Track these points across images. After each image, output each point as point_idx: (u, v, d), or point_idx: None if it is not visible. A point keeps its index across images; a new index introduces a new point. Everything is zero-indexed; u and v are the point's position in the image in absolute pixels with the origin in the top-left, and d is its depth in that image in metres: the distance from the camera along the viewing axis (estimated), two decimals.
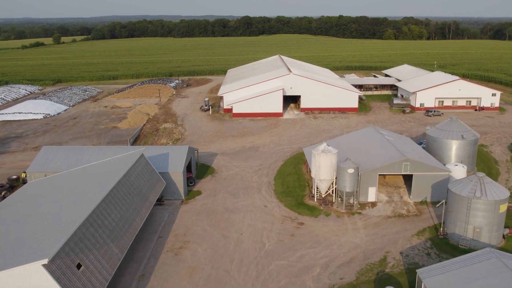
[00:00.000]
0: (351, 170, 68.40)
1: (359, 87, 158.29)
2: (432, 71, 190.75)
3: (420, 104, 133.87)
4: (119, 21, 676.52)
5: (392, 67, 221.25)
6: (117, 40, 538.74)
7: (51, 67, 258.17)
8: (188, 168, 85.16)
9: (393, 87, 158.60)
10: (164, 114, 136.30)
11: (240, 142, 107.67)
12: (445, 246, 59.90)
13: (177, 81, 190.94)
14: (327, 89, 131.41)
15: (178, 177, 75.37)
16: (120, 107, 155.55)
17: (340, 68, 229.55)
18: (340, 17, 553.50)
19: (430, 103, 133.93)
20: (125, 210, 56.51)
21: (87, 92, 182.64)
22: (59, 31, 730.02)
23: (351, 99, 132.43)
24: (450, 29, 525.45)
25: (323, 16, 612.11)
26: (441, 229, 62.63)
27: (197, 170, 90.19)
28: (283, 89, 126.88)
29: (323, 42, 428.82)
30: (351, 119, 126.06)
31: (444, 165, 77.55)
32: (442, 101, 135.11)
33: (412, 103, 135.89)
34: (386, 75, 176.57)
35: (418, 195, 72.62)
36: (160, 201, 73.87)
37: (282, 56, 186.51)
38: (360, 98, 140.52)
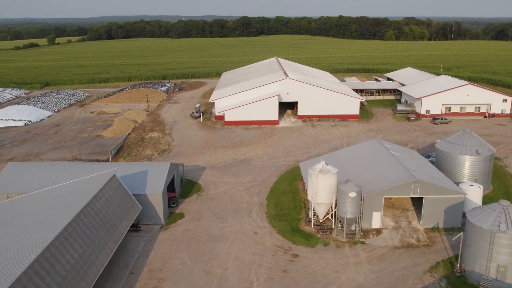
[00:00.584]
0: (353, 194, 59.60)
1: (361, 91, 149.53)
2: (438, 74, 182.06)
3: (426, 111, 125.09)
4: (116, 22, 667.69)
5: (394, 69, 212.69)
6: (113, 40, 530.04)
7: (41, 70, 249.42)
8: (171, 186, 76.49)
9: (396, 91, 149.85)
10: (152, 121, 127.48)
11: (232, 154, 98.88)
12: (464, 287, 51.13)
13: (169, 85, 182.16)
14: (326, 95, 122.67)
15: (157, 200, 66.61)
16: (107, 113, 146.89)
17: (340, 71, 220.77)
18: (340, 17, 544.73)
19: (436, 109, 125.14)
20: (86, 247, 47.71)
21: (75, 97, 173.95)
22: (56, 31, 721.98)
23: (352, 105, 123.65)
24: (452, 29, 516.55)
25: (322, 16, 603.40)
26: (458, 265, 53.83)
27: (181, 187, 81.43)
28: (278, 95, 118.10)
29: (322, 43, 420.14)
30: (352, 128, 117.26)
31: (457, 184, 68.88)
32: (449, 108, 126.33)
33: (417, 110, 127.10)
34: (389, 79, 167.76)
35: (429, 220, 63.83)
36: (136, 227, 65.13)
37: (279, 59, 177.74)
38: (361, 103, 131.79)
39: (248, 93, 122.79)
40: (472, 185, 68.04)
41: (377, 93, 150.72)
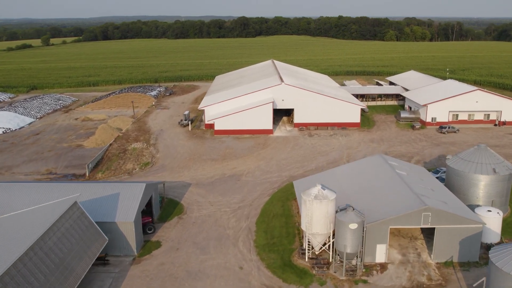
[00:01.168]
0: (353, 226, 50.88)
1: (361, 96, 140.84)
2: (442, 77, 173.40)
3: (432, 118, 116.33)
4: (113, 22, 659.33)
5: (396, 72, 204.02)
6: (108, 41, 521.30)
7: (29, 72, 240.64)
8: (148, 207, 67.78)
9: (399, 96, 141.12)
10: (137, 130, 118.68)
11: (220, 168, 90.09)
12: None
13: (159, 89, 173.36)
14: (325, 101, 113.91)
15: (128, 228, 57.87)
16: (92, 120, 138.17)
17: (340, 74, 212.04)
18: (340, 17, 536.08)
19: (443, 117, 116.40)
20: None
21: (60, 102, 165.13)
22: (52, 32, 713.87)
23: (352, 112, 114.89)
24: (454, 30, 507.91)
25: (322, 16, 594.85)
26: None
27: (161, 208, 72.68)
28: (273, 102, 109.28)
29: (321, 44, 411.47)
30: (352, 137, 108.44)
31: (472, 208, 60.26)
32: (457, 115, 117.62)
33: (422, 117, 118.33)
34: (391, 83, 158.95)
35: (441, 254, 55.07)
36: (103, 260, 56.37)
37: (276, 61, 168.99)
38: (362, 110, 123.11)
39: (241, 99, 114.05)
40: (490, 210, 59.33)
41: (379, 98, 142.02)
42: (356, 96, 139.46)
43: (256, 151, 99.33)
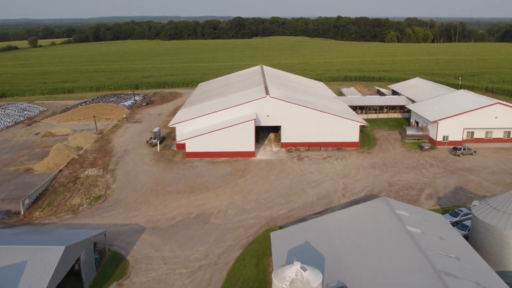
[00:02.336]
0: None
1: (360, 108, 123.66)
2: (453, 85, 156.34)
3: (444, 137, 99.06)
4: (108, 22, 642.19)
5: (399, 77, 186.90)
6: (99, 43, 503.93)
7: (2, 78, 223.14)
8: (72, 274, 50.59)
9: (403, 108, 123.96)
10: (98, 150, 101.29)
11: (186, 205, 72.86)
12: None
13: (136, 98, 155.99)
14: (317, 117, 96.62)
15: None
16: (54, 135, 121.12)
17: (337, 79, 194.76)
18: (339, 18, 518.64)
19: (456, 135, 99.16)
20: None
21: (25, 112, 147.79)
22: (44, 32, 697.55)
23: (350, 130, 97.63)
24: (456, 30, 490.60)
25: (320, 17, 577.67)
26: None
27: (99, 268, 55.47)
28: (254, 119, 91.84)
29: (319, 45, 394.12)
30: (350, 161, 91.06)
31: (505, 276, 43.18)
32: (472, 133, 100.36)
33: (432, 135, 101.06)
34: (394, 92, 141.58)
35: None
36: None
37: (265, 67, 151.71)
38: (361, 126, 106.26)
39: (218, 115, 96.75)
40: None
41: (381, 111, 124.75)
42: (355, 108, 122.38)
43: (233, 181, 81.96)
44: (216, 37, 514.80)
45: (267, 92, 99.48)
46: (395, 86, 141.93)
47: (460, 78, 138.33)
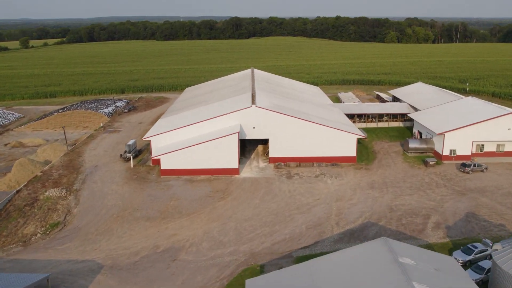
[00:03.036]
0: None
1: (359, 116, 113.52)
2: (458, 90, 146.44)
3: (451, 151, 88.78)
4: (100, 23, 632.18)
5: (399, 81, 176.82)
6: (92, 43, 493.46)
7: None
8: None
9: (405, 116, 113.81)
10: (65, 166, 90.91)
11: (154, 236, 62.59)
12: None
13: (118, 104, 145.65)
14: (310, 129, 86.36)
15: None
16: (25, 146, 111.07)
17: (335, 82, 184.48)
18: (338, 18, 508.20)
19: (465, 149, 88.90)
20: None
21: (0, 119, 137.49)
22: (39, 33, 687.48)
23: (346, 144, 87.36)
24: (458, 31, 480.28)
25: (319, 17, 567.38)
26: None
27: None
28: (238, 132, 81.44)
29: (317, 46, 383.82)
30: (345, 179, 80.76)
31: None
32: (482, 146, 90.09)
33: (438, 149, 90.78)
34: (395, 98, 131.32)
35: None
36: None
37: (256, 71, 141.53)
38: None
39: (200, 126, 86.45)
40: None
41: (380, 119, 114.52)
42: (352, 116, 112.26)
43: (211, 204, 71.65)
44: (212, 38, 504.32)
45: (253, 101, 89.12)
46: (396, 92, 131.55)
47: (467, 83, 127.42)
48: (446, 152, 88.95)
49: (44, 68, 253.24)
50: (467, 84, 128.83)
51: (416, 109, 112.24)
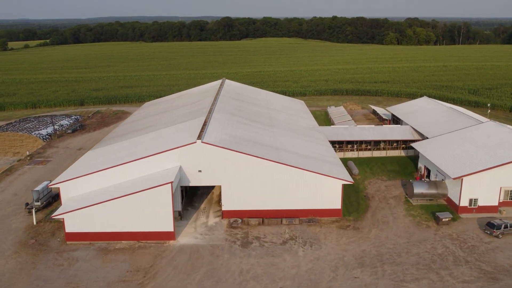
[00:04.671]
0: None
1: (348, 144, 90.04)
2: (473, 105, 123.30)
3: (471, 200, 65.27)
4: (87, 24, 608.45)
5: (400, 92, 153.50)
6: (75, 45, 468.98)
7: None
8: None
9: (406, 143, 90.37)
10: None
11: None
12: None
13: (63, 122, 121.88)
14: (278, 172, 62.84)
15: None
16: None
17: (326, 93, 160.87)
18: (334, 18, 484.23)
19: (490, 197, 65.49)
20: None
21: None
22: (26, 33, 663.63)
23: (328, 192, 63.86)
24: (461, 31, 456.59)
25: (315, 17, 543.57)
26: None
27: None
28: (171, 182, 57.65)
29: (311, 48, 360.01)
30: (324, 250, 57.04)
31: None
32: (510, 191, 66.66)
33: (453, 196, 67.29)
34: (394, 119, 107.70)
35: None
36: None
37: (229, 82, 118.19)
38: (349, 170, 72.82)
39: (130, 168, 62.72)
40: None
41: (376, 146, 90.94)
42: (341, 143, 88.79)
43: None
44: (203, 39, 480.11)
45: (201, 134, 65.34)
46: (396, 109, 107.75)
47: (489, 105, 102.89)
48: (464, 202, 65.39)
49: (6, 74, 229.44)
50: (489, 105, 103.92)
51: (420, 135, 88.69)
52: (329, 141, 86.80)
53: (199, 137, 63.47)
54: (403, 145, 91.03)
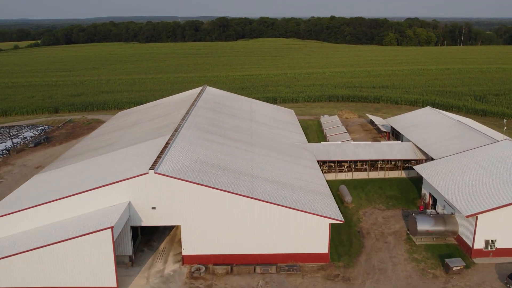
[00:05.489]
0: None
1: (340, 164, 78.32)
2: (480, 114, 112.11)
3: (487, 242, 53.48)
4: (79, 24, 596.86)
5: (400, 98, 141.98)
6: (66, 46, 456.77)
7: None
8: None
9: (407, 163, 78.62)
10: None
11: None
12: None
13: (27, 134, 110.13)
14: (251, 210, 51.06)
15: None
16: None
17: (320, 99, 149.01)
18: (332, 18, 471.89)
19: (508, 239, 53.60)
20: None
21: None
22: (19, 34, 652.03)
23: (313, 233, 52.15)
24: (462, 32, 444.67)
25: (313, 17, 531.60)
26: None
27: None
28: (112, 227, 45.85)
29: (308, 49, 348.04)
30: None
31: None
32: None
33: (465, 236, 55.52)
34: (394, 133, 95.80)
35: None
36: None
37: (210, 90, 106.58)
38: (341, 197, 60.44)
39: (68, 203, 50.88)
40: None
41: (373, 165, 79.16)
42: (333, 163, 77.09)
43: None
44: (197, 40, 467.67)
45: (156, 161, 53.44)
46: (396, 121, 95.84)
47: (505, 121, 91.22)
48: (479, 244, 53.67)
49: None
50: (504, 121, 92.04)
51: (424, 153, 76.95)
52: (319, 161, 75.17)
53: (153, 165, 51.63)
54: (405, 164, 79.25)
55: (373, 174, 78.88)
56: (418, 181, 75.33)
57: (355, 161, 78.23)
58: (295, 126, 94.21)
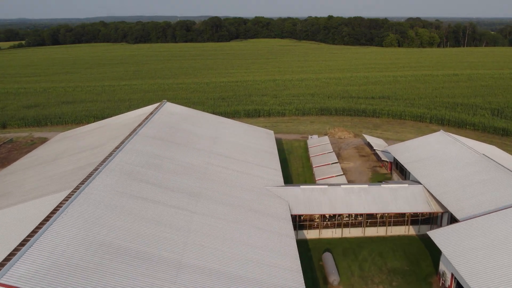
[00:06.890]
0: None
1: (331, 219, 57.66)
2: (501, 133, 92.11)
3: None
4: (66, 24, 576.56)
5: (403, 112, 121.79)
6: (52, 47, 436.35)
7: None
8: None
9: (417, 216, 57.90)
10: None
11: None
12: None
13: None
14: None
15: None
16: None
17: (310, 112, 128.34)
18: (330, 18, 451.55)
19: None
20: None
21: None
22: (7, 34, 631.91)
23: None
24: (466, 32, 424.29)
25: (310, 17, 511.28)
26: None
27: None
28: None
29: (304, 51, 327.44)
30: None
31: None
32: None
33: None
34: (397, 166, 74.96)
35: None
36: None
37: (169, 106, 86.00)
38: (324, 273, 40.91)
39: None
40: None
41: (370, 219, 58.46)
42: (323, 218, 56.47)
43: None
44: (189, 40, 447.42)
45: (11, 255, 32.61)
46: (400, 151, 74.89)
47: None
48: None
49: None
50: None
51: (440, 205, 56.27)
52: (295, 215, 54.68)
53: (1, 266, 30.89)
54: (409, 219, 58.62)
55: (371, 231, 58.20)
56: (429, 244, 54.71)
57: (346, 215, 57.53)
58: (271, 156, 73.46)
